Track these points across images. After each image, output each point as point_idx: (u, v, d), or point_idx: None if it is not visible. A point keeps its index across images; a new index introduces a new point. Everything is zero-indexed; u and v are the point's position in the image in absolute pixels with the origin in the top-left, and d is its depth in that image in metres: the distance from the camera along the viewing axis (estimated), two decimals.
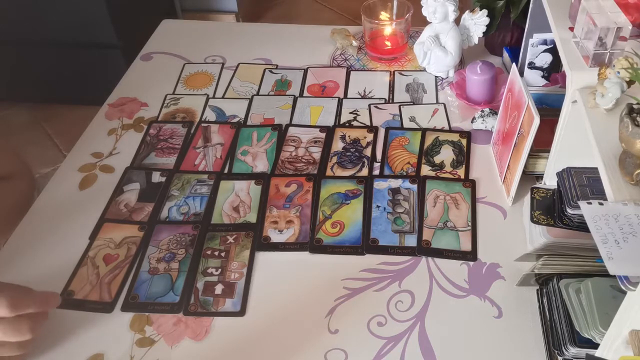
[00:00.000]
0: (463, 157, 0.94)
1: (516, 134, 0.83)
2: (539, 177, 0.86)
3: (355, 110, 1.06)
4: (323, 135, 1.00)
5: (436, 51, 1.07)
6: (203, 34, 1.30)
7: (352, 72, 1.15)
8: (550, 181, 0.81)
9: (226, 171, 0.95)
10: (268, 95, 1.11)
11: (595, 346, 0.58)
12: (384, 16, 1.18)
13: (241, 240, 0.84)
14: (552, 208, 0.76)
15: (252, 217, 0.87)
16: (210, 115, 1.06)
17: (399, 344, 0.71)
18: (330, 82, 1.13)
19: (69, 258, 0.82)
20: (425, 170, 0.93)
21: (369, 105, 1.06)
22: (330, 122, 1.03)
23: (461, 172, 0.92)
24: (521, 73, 1.01)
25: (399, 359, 0.69)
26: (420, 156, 0.95)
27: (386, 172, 0.93)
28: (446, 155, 0.95)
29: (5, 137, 2.05)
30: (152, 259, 0.81)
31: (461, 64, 1.13)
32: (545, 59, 1.00)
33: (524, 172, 0.83)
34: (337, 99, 1.08)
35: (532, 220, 0.75)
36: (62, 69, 2.11)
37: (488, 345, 0.70)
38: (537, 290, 0.74)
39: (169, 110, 1.08)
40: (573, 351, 0.63)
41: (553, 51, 0.99)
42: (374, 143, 0.98)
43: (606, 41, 0.65)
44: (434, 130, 1.00)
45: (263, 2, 2.81)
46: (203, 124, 1.04)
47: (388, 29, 1.17)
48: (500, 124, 0.93)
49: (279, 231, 0.84)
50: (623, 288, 0.48)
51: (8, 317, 0.64)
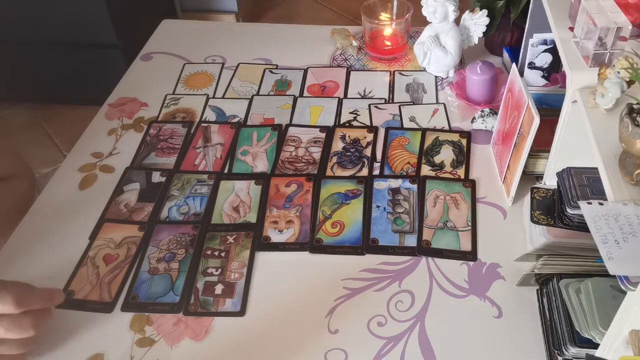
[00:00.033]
0: (463, 157, 0.94)
1: (516, 134, 0.83)
2: (539, 177, 0.86)
3: (355, 110, 1.06)
4: (323, 135, 1.00)
5: (436, 51, 1.07)
6: (203, 34, 1.30)
7: (352, 72, 1.15)
8: (550, 181, 0.81)
9: (226, 171, 0.95)
10: (268, 95, 1.11)
11: (595, 346, 0.58)
12: (384, 16, 1.18)
13: (241, 240, 0.84)
14: (552, 208, 0.76)
15: (252, 217, 0.87)
16: (210, 115, 1.06)
17: (399, 344, 0.71)
18: (330, 82, 1.13)
19: (69, 258, 0.82)
20: (425, 170, 0.93)
21: (369, 105, 1.06)
22: (330, 122, 1.03)
23: (461, 172, 0.92)
24: (521, 73, 1.01)
25: (399, 359, 0.69)
26: (420, 156, 0.95)
27: (386, 172, 0.93)
28: (446, 155, 0.95)
29: (5, 137, 2.05)
30: (152, 259, 0.81)
31: (461, 64, 1.13)
32: (545, 59, 1.00)
33: (524, 172, 0.83)
34: (337, 99, 1.08)
35: (532, 220, 0.75)
36: (62, 69, 2.11)
37: (488, 345, 0.70)
38: (537, 290, 0.74)
39: (169, 110, 1.08)
40: (573, 351, 0.63)
41: (553, 51, 0.99)
42: (374, 143, 0.98)
43: (606, 41, 0.65)
44: (434, 130, 1.00)
45: (263, 2, 2.81)
46: (203, 124, 1.04)
47: (388, 29, 1.17)
48: (500, 124, 0.93)
49: (279, 231, 0.84)
50: (623, 288, 0.47)
51: (12, 314, 0.63)
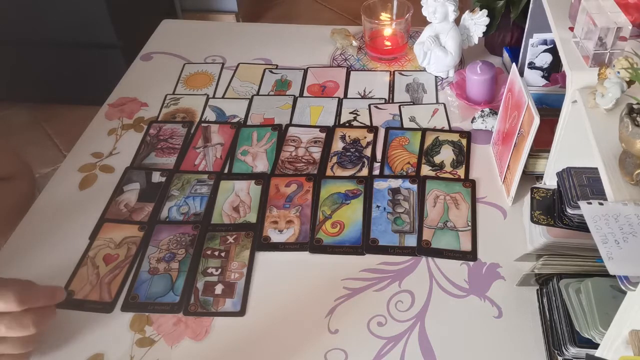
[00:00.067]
0: (463, 157, 0.94)
1: (516, 134, 0.83)
2: (539, 177, 0.86)
3: (355, 110, 1.06)
4: (323, 135, 1.00)
5: (436, 51, 1.07)
6: (203, 34, 1.30)
7: (352, 72, 1.15)
8: (550, 181, 0.81)
9: (226, 171, 0.95)
10: (268, 95, 1.11)
11: (595, 346, 0.58)
12: (384, 16, 1.18)
13: (241, 240, 0.84)
14: (552, 208, 0.76)
15: (252, 217, 0.87)
16: (210, 115, 1.06)
17: (399, 344, 0.71)
18: (330, 82, 1.13)
19: (69, 258, 0.82)
20: (425, 170, 0.93)
21: (369, 105, 1.06)
22: (330, 122, 1.03)
23: (461, 172, 0.92)
24: (521, 73, 1.01)
25: (399, 359, 0.69)
26: (420, 156, 0.95)
27: (386, 172, 0.93)
28: (446, 155, 0.95)
29: (5, 137, 2.05)
30: (152, 259, 0.81)
31: (461, 64, 1.13)
32: (545, 59, 1.00)
33: (524, 172, 0.83)
34: (337, 99, 1.08)
35: (532, 220, 0.75)
36: (62, 69, 2.11)
37: (488, 345, 0.70)
38: (537, 290, 0.74)
39: (169, 110, 1.08)
40: (573, 351, 0.63)
41: (553, 51, 0.99)
42: (374, 143, 0.98)
43: (606, 41, 0.65)
44: (434, 130, 1.00)
45: (263, 2, 2.81)
46: (203, 124, 1.04)
47: (388, 29, 1.17)
48: (500, 124, 0.93)
49: (279, 231, 0.84)
50: (623, 288, 0.47)
51: (13, 312, 0.63)
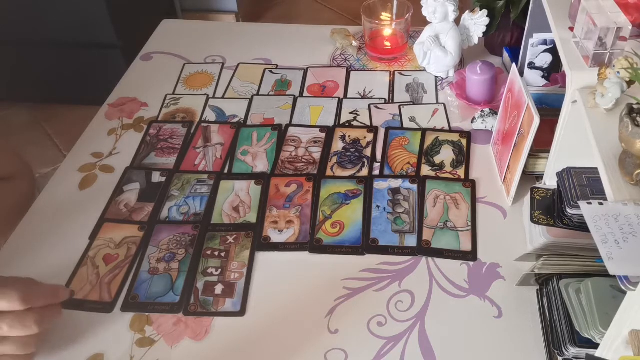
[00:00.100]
0: (463, 157, 0.94)
1: (516, 134, 0.83)
2: (539, 177, 0.86)
3: (355, 110, 1.06)
4: (323, 135, 1.00)
5: (436, 51, 1.07)
6: (203, 34, 1.30)
7: (352, 72, 1.15)
8: (550, 181, 0.81)
9: (226, 171, 0.95)
10: (268, 95, 1.11)
11: (595, 346, 0.58)
12: (384, 16, 1.18)
13: (241, 240, 0.84)
14: (552, 208, 0.76)
15: (252, 217, 0.87)
16: (210, 115, 1.06)
17: (399, 344, 0.71)
18: (330, 82, 1.13)
19: (69, 258, 0.82)
20: (425, 170, 0.93)
21: (369, 105, 1.06)
22: (330, 122, 1.03)
23: (461, 172, 0.92)
24: (521, 73, 1.01)
25: (399, 359, 0.69)
26: (420, 156, 0.95)
27: (386, 172, 0.93)
28: (446, 155, 0.95)
29: (5, 137, 2.05)
30: (152, 259, 0.81)
31: (461, 64, 1.13)
32: (545, 59, 1.00)
33: (524, 172, 0.83)
34: (337, 99, 1.08)
35: (532, 220, 0.75)
36: (62, 69, 2.11)
37: (488, 345, 0.70)
38: (537, 290, 0.74)
39: (169, 110, 1.08)
40: (573, 351, 0.63)
41: (553, 51, 0.99)
42: (374, 143, 0.98)
43: (606, 41, 0.65)
44: (434, 130, 1.00)
45: (263, 2, 2.81)
46: (203, 124, 1.04)
47: (388, 29, 1.17)
48: (500, 124, 0.93)
49: (279, 231, 0.84)
50: (623, 288, 0.47)
51: (16, 311, 0.62)
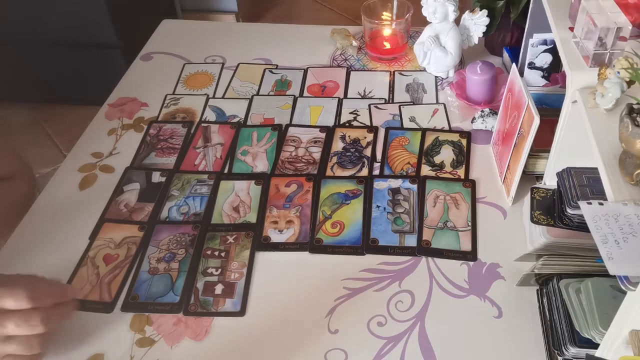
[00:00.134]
0: (463, 157, 0.94)
1: (516, 134, 0.83)
2: (539, 177, 0.86)
3: (355, 110, 1.06)
4: (323, 135, 1.00)
5: (436, 51, 1.07)
6: (203, 34, 1.30)
7: (352, 72, 1.15)
8: (550, 181, 0.81)
9: (226, 171, 0.95)
10: (268, 95, 1.11)
11: (595, 346, 0.58)
12: (384, 16, 1.18)
13: (241, 240, 0.84)
14: (552, 208, 0.76)
15: (252, 217, 0.87)
16: (210, 115, 1.06)
17: (399, 344, 0.71)
18: (330, 82, 1.13)
19: (69, 258, 0.82)
20: (425, 170, 0.93)
21: (369, 105, 1.06)
22: (330, 122, 1.03)
23: (461, 172, 0.92)
24: (521, 73, 1.01)
25: (399, 359, 0.69)
26: (420, 156, 0.95)
27: (386, 172, 0.93)
28: (446, 155, 0.95)
29: (5, 137, 2.05)
30: (152, 259, 0.81)
31: (461, 64, 1.13)
32: (545, 59, 1.00)
33: (524, 172, 0.83)
34: (337, 99, 1.08)
35: (532, 220, 0.75)
36: (62, 69, 2.11)
37: (488, 345, 0.70)
38: (537, 290, 0.74)
39: (169, 110, 1.08)
40: (573, 351, 0.63)
41: (553, 51, 0.99)
42: (374, 143, 0.98)
43: (606, 41, 0.65)
44: (434, 130, 1.00)
45: (263, 2, 2.81)
46: (203, 124, 1.04)
47: (388, 29, 1.17)
48: (500, 124, 0.93)
49: (279, 231, 0.84)
50: (623, 288, 0.47)
51: (23, 310, 0.62)
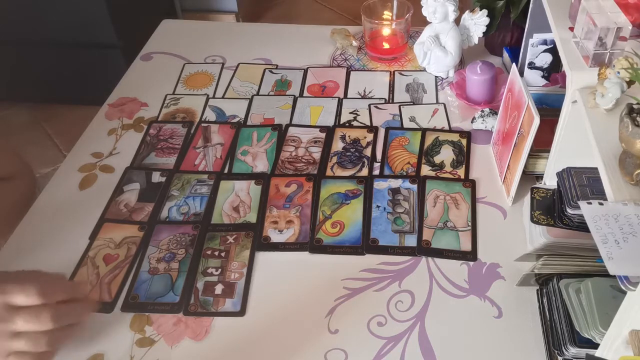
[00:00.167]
0: (463, 157, 0.94)
1: (516, 134, 0.83)
2: (539, 177, 0.86)
3: (355, 110, 1.06)
4: (323, 135, 1.00)
5: (436, 51, 1.07)
6: (203, 34, 1.30)
7: (352, 72, 1.15)
8: (550, 181, 0.81)
9: (226, 171, 0.95)
10: (268, 95, 1.11)
11: (595, 346, 0.58)
12: (385, 16, 1.18)
13: (241, 240, 0.84)
14: (552, 208, 0.76)
15: (252, 217, 0.87)
16: (210, 115, 1.06)
17: (399, 344, 0.71)
18: (330, 82, 1.13)
19: (69, 258, 0.82)
20: (425, 170, 0.93)
21: (369, 105, 1.06)
22: (330, 122, 1.03)
23: (461, 172, 0.92)
24: (521, 73, 1.01)
25: (399, 359, 0.69)
26: (420, 156, 0.95)
27: (386, 172, 0.93)
28: (446, 155, 0.95)
29: (5, 137, 2.05)
30: (152, 259, 0.81)
31: (461, 64, 1.13)
32: (545, 59, 1.00)
33: (524, 172, 0.83)
34: (337, 99, 1.08)
35: (532, 220, 0.75)
36: (62, 69, 2.11)
37: (488, 345, 0.70)
38: (537, 290, 0.74)
39: (169, 110, 1.08)
40: (573, 351, 0.63)
41: (553, 51, 0.99)
42: (374, 143, 0.98)
43: (606, 41, 0.65)
44: (434, 130, 1.00)
45: (263, 2, 2.81)
46: (203, 124, 1.04)
47: (388, 29, 1.17)
48: (500, 124, 0.93)
49: (279, 231, 0.84)
50: (623, 288, 0.48)
51: (33, 306, 0.61)
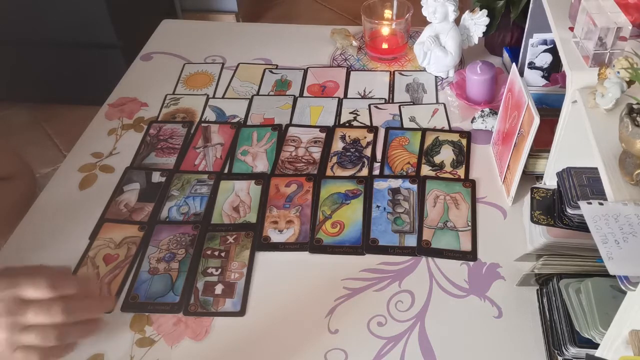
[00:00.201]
0: (463, 157, 0.94)
1: (516, 134, 0.83)
2: (539, 177, 0.86)
3: (355, 110, 1.06)
4: (323, 135, 1.00)
5: (436, 51, 1.07)
6: (203, 34, 1.30)
7: (352, 72, 1.15)
8: (550, 181, 0.81)
9: (226, 171, 0.95)
10: (268, 95, 1.11)
11: (595, 346, 0.58)
12: (385, 15, 1.18)
13: (241, 240, 0.84)
14: (552, 208, 0.76)
15: (252, 217, 0.87)
16: (210, 115, 1.06)
17: (399, 344, 0.71)
18: (330, 82, 1.13)
19: (69, 258, 0.82)
20: (425, 170, 0.93)
21: (369, 105, 1.06)
22: (330, 122, 1.03)
23: (461, 172, 0.92)
24: (521, 73, 1.01)
25: (399, 359, 0.69)
26: (420, 156, 0.95)
27: (386, 172, 0.93)
28: (446, 155, 0.95)
29: (5, 137, 2.05)
30: (152, 259, 0.81)
31: (461, 64, 1.13)
32: (545, 59, 1.00)
33: (524, 172, 0.83)
34: (337, 99, 1.08)
35: (532, 220, 0.75)
36: (62, 69, 2.11)
37: (488, 345, 0.70)
38: (537, 290, 0.74)
39: (169, 110, 1.08)
40: (573, 351, 0.63)
41: (553, 51, 0.99)
42: (374, 143, 0.98)
43: (606, 41, 0.65)
44: (434, 130, 1.00)
45: (263, 2, 2.81)
46: (203, 124, 1.04)
47: (388, 29, 1.17)
48: (500, 124, 0.93)
49: (279, 231, 0.84)
50: (623, 288, 0.48)
51: (43, 299, 0.61)
